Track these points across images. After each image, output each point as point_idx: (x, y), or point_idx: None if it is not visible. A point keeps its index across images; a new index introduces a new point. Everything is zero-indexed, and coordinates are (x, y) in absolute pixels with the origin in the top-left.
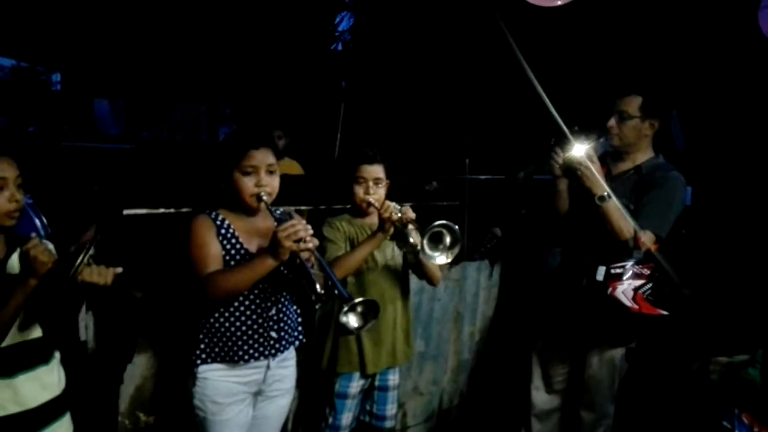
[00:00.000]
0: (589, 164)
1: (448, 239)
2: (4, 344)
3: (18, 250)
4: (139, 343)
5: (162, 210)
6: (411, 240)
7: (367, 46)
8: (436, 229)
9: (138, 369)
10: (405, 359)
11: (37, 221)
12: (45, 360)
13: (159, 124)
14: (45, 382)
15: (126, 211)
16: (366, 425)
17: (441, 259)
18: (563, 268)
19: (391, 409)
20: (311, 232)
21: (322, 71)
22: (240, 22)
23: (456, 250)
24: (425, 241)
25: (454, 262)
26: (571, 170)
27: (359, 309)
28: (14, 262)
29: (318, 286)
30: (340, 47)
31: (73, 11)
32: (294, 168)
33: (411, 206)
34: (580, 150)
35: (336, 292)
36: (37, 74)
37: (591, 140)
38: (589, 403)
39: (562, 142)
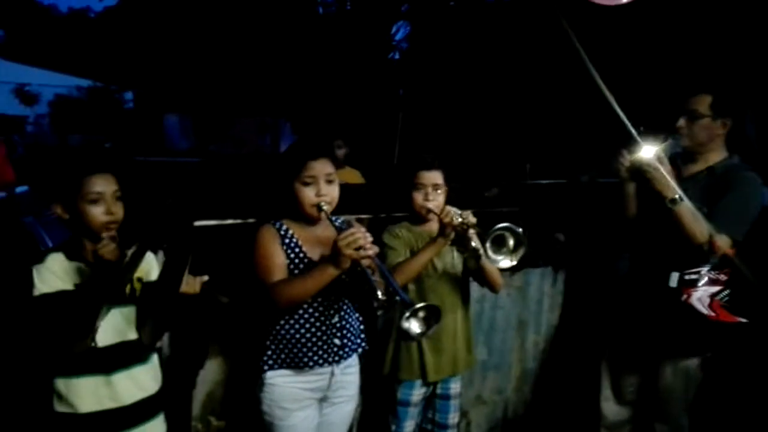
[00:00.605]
0: (659, 166)
1: (511, 242)
2: (102, 344)
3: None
4: (210, 350)
5: (230, 221)
6: (473, 244)
7: (424, 54)
8: (498, 232)
9: (209, 374)
10: (467, 367)
11: None
12: (141, 360)
13: (224, 138)
14: (140, 382)
15: (197, 223)
16: None
17: (505, 262)
18: (633, 275)
19: (453, 417)
20: (371, 239)
21: (379, 80)
22: (299, 35)
23: (521, 253)
24: (488, 245)
25: (517, 269)
26: (640, 173)
27: (421, 314)
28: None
29: (379, 293)
30: (397, 56)
31: (144, 33)
32: (354, 177)
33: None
34: (648, 151)
35: (397, 298)
36: (110, 93)
37: (659, 141)
38: (662, 414)
39: (629, 143)
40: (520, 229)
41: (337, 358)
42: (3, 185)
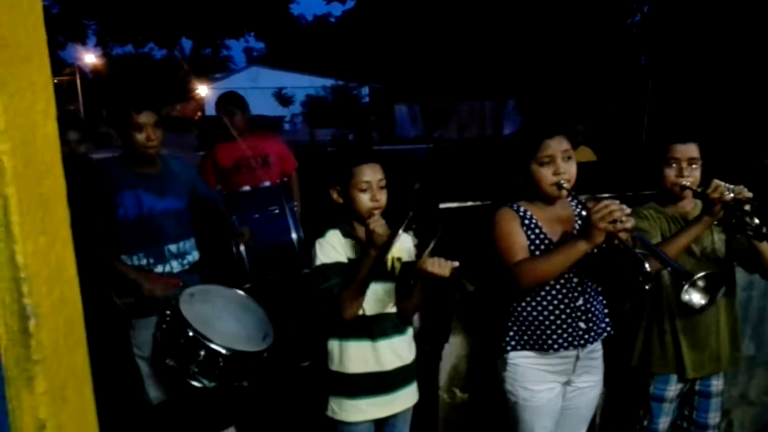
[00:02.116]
0: None
1: None
2: (369, 313)
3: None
4: (455, 326)
5: (470, 203)
6: (755, 222)
7: (670, 14)
8: None
9: (454, 349)
10: (732, 365)
11: (291, 220)
12: (400, 332)
13: (449, 123)
14: (398, 351)
15: (442, 205)
16: (683, 431)
17: None
18: None
19: (714, 417)
20: (628, 211)
21: (618, 47)
22: (526, 3)
23: None
24: None
25: None
26: None
27: (700, 284)
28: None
29: (647, 265)
30: (637, 18)
31: (376, 31)
32: (586, 154)
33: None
34: None
35: (669, 269)
36: (350, 90)
37: None
38: None
39: None
40: None
41: (582, 342)
42: (286, 174)
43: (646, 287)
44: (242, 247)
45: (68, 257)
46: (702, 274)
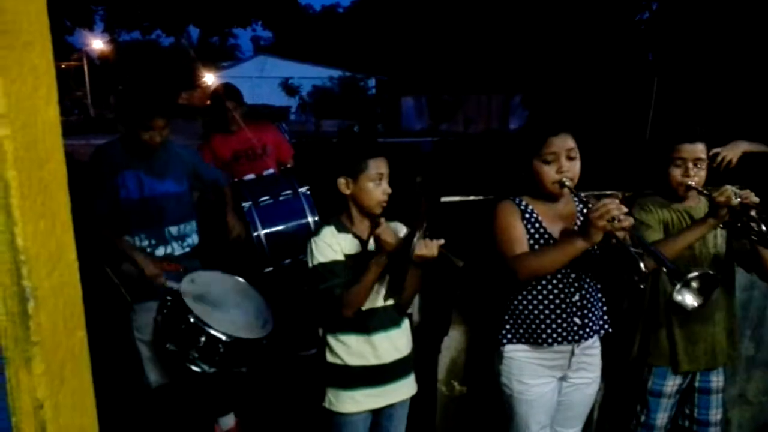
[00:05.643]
0: None
1: None
2: (365, 308)
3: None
4: (454, 319)
5: (473, 197)
6: (764, 228)
7: (679, 11)
8: None
9: (453, 342)
10: (727, 361)
11: (305, 203)
12: (397, 324)
13: (456, 117)
14: (396, 343)
15: (443, 199)
16: (686, 430)
17: None
18: None
19: (715, 414)
20: (625, 210)
21: (626, 44)
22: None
23: None
24: None
25: None
26: None
27: (694, 285)
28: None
29: (642, 265)
30: (646, 15)
31: (385, 23)
32: None
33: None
34: None
35: (664, 269)
36: (357, 81)
37: None
38: None
39: None
40: None
41: (576, 338)
42: (282, 162)
43: (641, 287)
44: (262, 232)
45: (68, 241)
46: (695, 274)
